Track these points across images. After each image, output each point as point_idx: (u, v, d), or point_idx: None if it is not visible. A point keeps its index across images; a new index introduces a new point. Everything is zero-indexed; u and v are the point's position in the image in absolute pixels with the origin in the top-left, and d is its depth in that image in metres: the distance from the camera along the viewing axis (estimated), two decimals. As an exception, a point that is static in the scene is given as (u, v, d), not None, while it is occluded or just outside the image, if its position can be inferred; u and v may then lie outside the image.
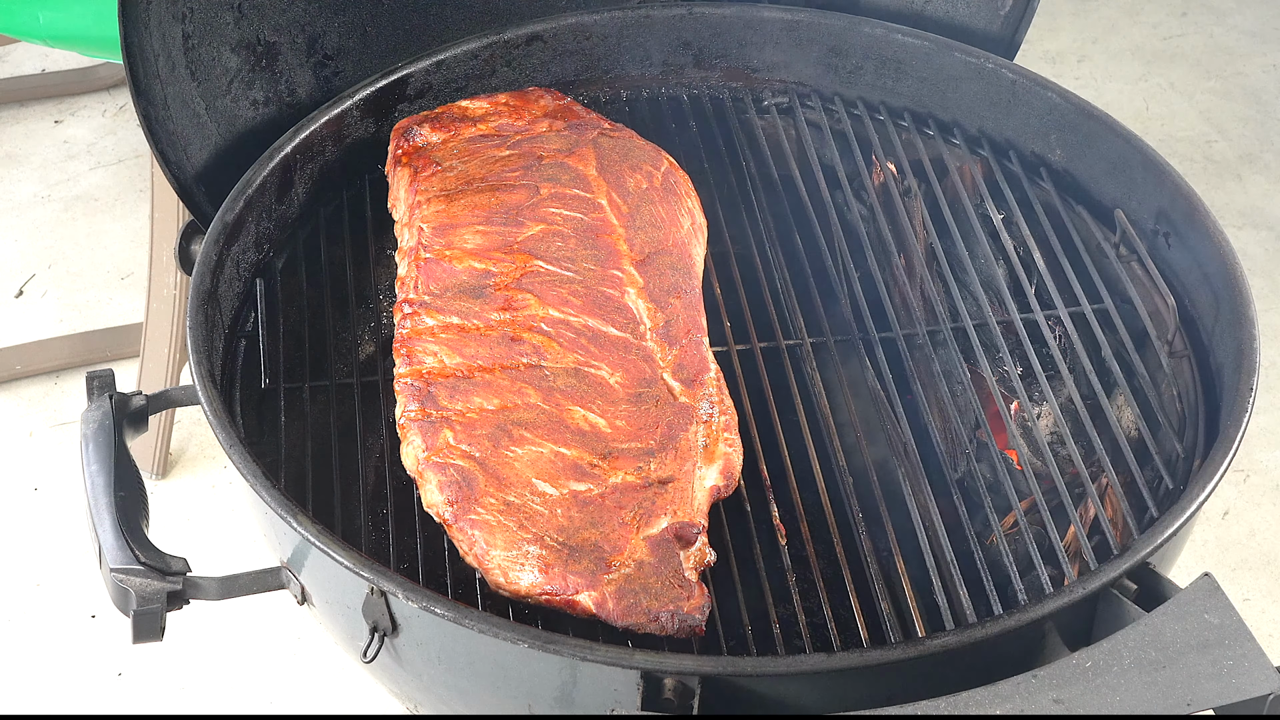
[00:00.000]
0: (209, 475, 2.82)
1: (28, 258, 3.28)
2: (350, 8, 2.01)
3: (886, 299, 1.86)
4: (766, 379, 1.75)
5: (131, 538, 1.49)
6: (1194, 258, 1.80)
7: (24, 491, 2.79)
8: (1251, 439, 2.83)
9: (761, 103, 2.13)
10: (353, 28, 2.02)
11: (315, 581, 1.52)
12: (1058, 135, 1.98)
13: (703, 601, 1.47)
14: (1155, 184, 1.86)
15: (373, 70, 2.01)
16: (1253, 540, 2.74)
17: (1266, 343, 3.07)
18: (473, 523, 1.51)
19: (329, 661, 2.49)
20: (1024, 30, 2.13)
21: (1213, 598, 1.34)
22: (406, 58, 2.02)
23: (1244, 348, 1.65)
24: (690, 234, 1.85)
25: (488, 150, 1.90)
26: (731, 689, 1.35)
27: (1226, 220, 3.36)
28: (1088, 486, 1.64)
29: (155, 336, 2.74)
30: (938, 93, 2.07)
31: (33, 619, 2.58)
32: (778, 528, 1.59)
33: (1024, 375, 1.84)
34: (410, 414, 1.60)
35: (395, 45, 2.06)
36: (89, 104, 3.72)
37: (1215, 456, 1.54)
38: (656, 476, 1.57)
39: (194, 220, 1.88)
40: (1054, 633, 1.42)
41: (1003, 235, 1.91)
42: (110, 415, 1.60)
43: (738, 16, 2.10)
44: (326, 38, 2.00)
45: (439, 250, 1.76)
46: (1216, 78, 3.88)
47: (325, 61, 2.02)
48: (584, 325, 1.70)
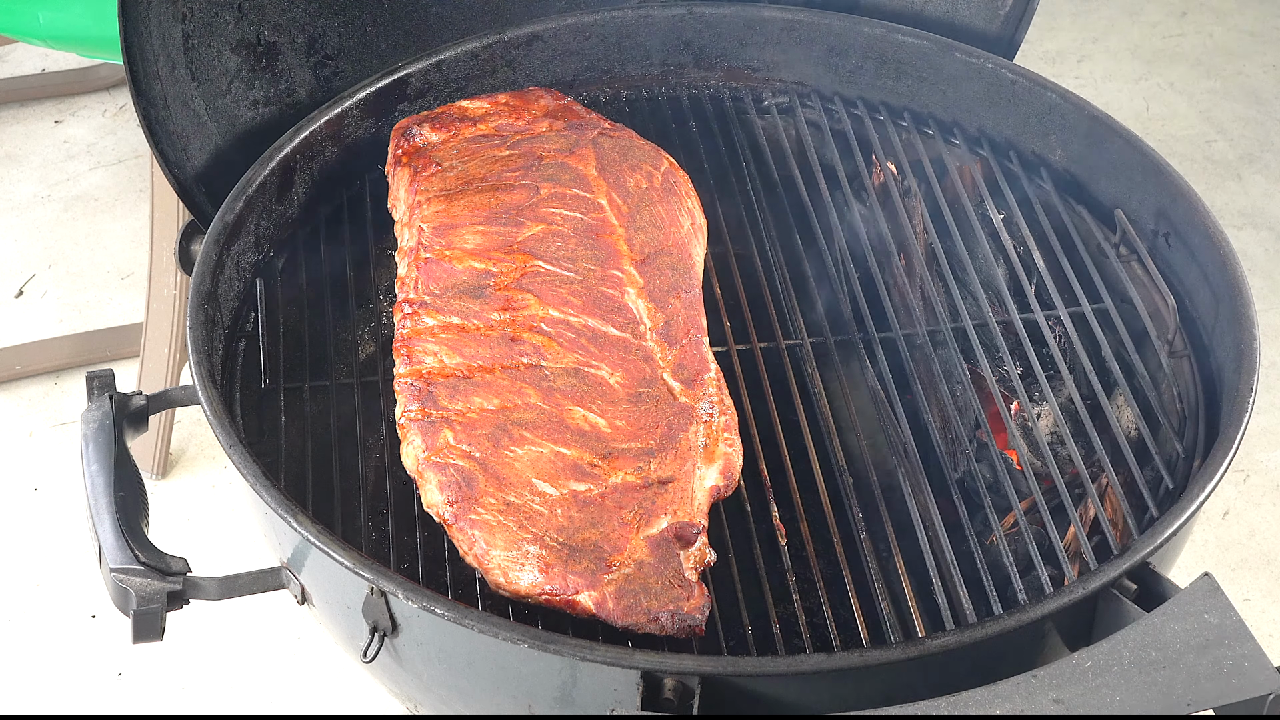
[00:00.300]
0: (209, 475, 2.82)
1: (28, 258, 3.28)
2: (350, 8, 2.01)
3: (886, 299, 1.86)
4: (766, 379, 1.75)
5: (131, 538, 1.49)
6: (1194, 258, 1.80)
7: (24, 491, 2.79)
8: (1251, 439, 2.83)
9: (761, 103, 2.13)
10: (353, 28, 2.02)
11: (315, 581, 1.52)
12: (1058, 135, 1.98)
13: (703, 601, 1.47)
14: (1155, 184, 1.86)
15: (373, 70, 2.01)
16: (1253, 540, 2.74)
17: (1266, 343, 3.07)
18: (473, 523, 1.51)
19: (329, 661, 2.49)
20: (1024, 30, 2.13)
21: (1212, 598, 1.34)
22: (406, 58, 2.02)
23: (1244, 348, 1.65)
24: (690, 234, 1.85)
25: (488, 150, 1.90)
26: (731, 689, 1.35)
27: (1226, 220, 3.36)
28: (1088, 487, 1.64)
29: (155, 336, 2.74)
30: (938, 93, 2.07)
31: (33, 619, 2.58)
32: (778, 528, 1.59)
33: (1024, 375, 1.84)
34: (410, 414, 1.60)
35: (395, 45, 2.06)
36: (89, 104, 3.72)
37: (1215, 456, 1.54)
38: (656, 476, 1.57)
39: (194, 220, 1.88)
40: (1054, 633, 1.42)
41: (1003, 235, 1.91)
42: (110, 415, 1.60)
43: (738, 16, 2.10)
44: (326, 38, 2.00)
45: (439, 250, 1.76)
46: (1216, 78, 3.88)
47: (325, 61, 2.02)
48: (584, 325, 1.70)
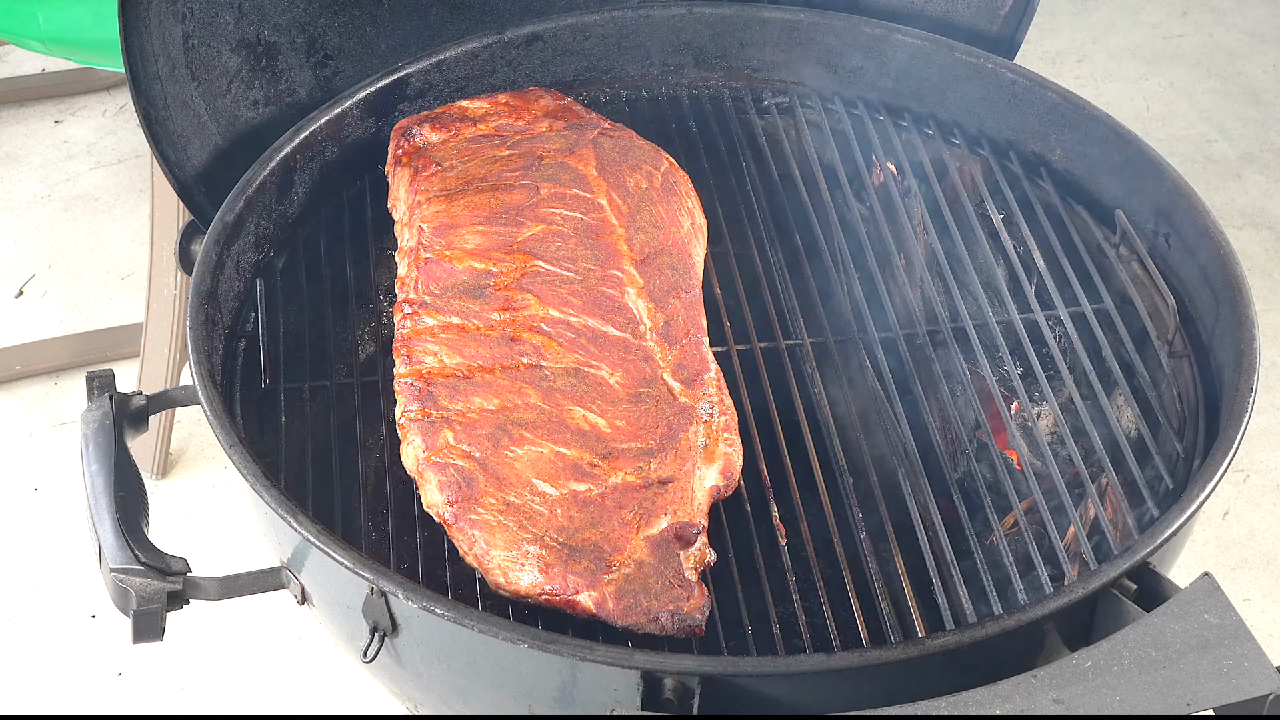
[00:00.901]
0: (209, 475, 2.82)
1: (28, 258, 3.28)
2: (350, 8, 2.01)
3: (886, 299, 1.86)
4: (766, 379, 1.75)
5: (131, 537, 1.49)
6: (1194, 258, 1.80)
7: (24, 491, 2.79)
8: (1251, 439, 2.83)
9: (761, 103, 2.13)
10: (353, 28, 2.02)
11: (315, 581, 1.52)
12: (1058, 135, 1.98)
13: (703, 601, 1.47)
14: (1155, 184, 1.86)
15: (373, 70, 2.01)
16: (1253, 540, 2.74)
17: (1266, 343, 3.07)
18: (473, 523, 1.51)
19: (329, 661, 2.49)
20: (1024, 30, 2.13)
21: (1213, 598, 1.34)
22: (406, 58, 2.02)
23: (1244, 348, 1.64)
24: (690, 234, 1.85)
25: (488, 150, 1.90)
26: (731, 689, 1.35)
27: (1226, 220, 3.36)
28: (1088, 486, 1.64)
29: (155, 336, 2.74)
30: (938, 93, 2.07)
31: (33, 619, 2.58)
32: (778, 528, 1.59)
33: (1024, 375, 1.84)
34: (410, 414, 1.60)
35: (395, 45, 2.06)
36: (89, 104, 3.72)
37: (1215, 456, 1.54)
38: (656, 476, 1.57)
39: (194, 220, 1.88)
40: (1054, 633, 1.42)
41: (1003, 235, 1.91)
42: (110, 415, 1.60)
43: (738, 16, 2.10)
44: (326, 38, 2.00)
45: (439, 250, 1.76)
46: (1216, 78, 3.88)
47: (325, 61, 2.02)
48: (584, 325, 1.70)
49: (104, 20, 2.49)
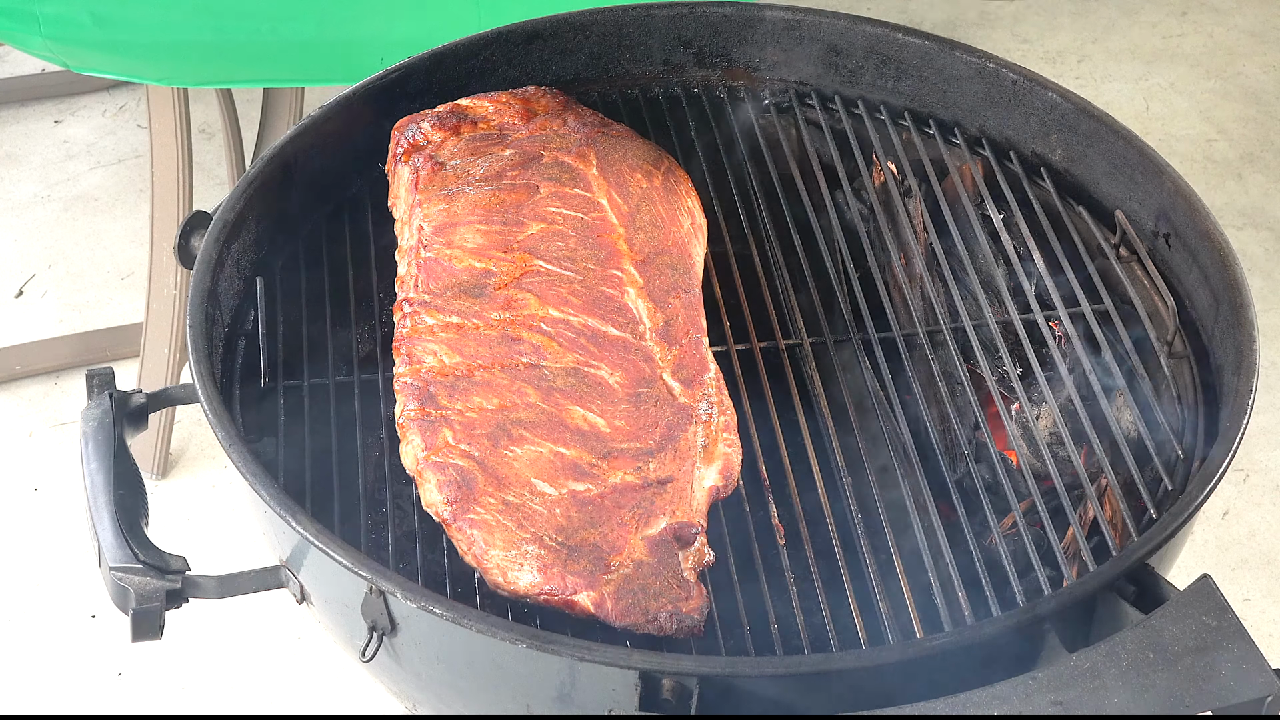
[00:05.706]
0: (209, 475, 2.82)
1: (28, 258, 3.28)
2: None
3: (886, 299, 1.86)
4: (766, 379, 1.75)
5: (131, 536, 1.49)
6: (1194, 258, 1.80)
7: (24, 491, 2.80)
8: (1251, 439, 2.83)
9: (761, 102, 2.13)
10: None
11: (314, 581, 1.52)
12: (1058, 135, 1.98)
13: (701, 602, 1.47)
14: (1155, 184, 1.86)
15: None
16: (1253, 540, 2.74)
17: (1266, 343, 3.07)
18: (471, 522, 1.51)
19: (329, 661, 2.49)
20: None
21: (1211, 600, 1.34)
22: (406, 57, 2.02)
23: (1244, 348, 1.64)
24: (690, 234, 1.85)
25: (488, 149, 1.90)
26: (730, 689, 1.35)
27: (1226, 220, 3.36)
28: (1087, 487, 1.64)
29: (155, 336, 2.74)
30: (938, 93, 2.07)
31: (33, 619, 2.58)
32: (776, 528, 1.59)
33: (1024, 375, 1.84)
34: (410, 413, 1.60)
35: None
36: (89, 104, 3.72)
37: (1215, 457, 1.53)
38: (656, 477, 1.57)
39: (196, 214, 1.88)
40: (1052, 634, 1.42)
41: (1003, 235, 1.91)
42: (110, 413, 1.60)
43: (738, 15, 2.10)
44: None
45: (439, 249, 1.76)
46: (1216, 78, 3.88)
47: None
48: (584, 325, 1.70)
49: (104, 21, 2.49)
